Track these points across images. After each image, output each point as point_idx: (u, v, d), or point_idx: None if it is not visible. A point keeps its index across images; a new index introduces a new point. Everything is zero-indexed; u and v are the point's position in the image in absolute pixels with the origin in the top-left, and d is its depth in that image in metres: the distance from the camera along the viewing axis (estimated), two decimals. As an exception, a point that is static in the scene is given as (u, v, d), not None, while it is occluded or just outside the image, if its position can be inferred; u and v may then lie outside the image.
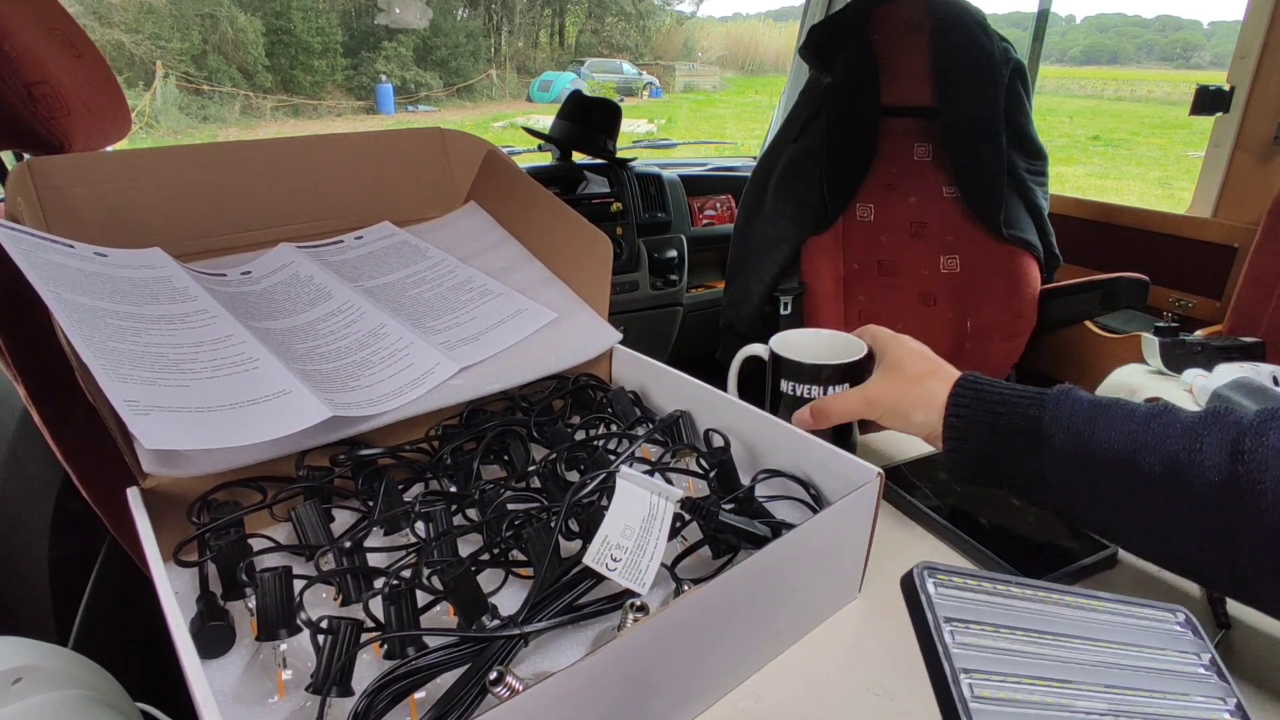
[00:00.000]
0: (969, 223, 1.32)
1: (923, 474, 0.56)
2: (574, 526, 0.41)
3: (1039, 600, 0.27)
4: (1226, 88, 1.29)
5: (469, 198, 0.70)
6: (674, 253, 1.72)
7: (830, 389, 0.53)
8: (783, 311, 1.35)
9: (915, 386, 0.48)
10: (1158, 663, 0.27)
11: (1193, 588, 0.46)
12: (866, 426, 0.55)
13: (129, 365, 0.41)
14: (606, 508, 0.38)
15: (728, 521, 0.39)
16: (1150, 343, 1.02)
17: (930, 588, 0.25)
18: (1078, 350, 1.38)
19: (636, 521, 0.37)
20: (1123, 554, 0.49)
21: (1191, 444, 0.36)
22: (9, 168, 0.70)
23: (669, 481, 0.46)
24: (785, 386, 0.54)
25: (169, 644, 0.29)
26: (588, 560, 0.35)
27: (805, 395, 0.53)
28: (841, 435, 0.54)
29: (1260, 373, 0.79)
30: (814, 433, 0.47)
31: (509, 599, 0.38)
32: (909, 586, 0.25)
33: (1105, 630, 0.27)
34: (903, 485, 0.54)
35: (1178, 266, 1.37)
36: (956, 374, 0.48)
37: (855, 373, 0.53)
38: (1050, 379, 1.44)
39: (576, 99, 1.67)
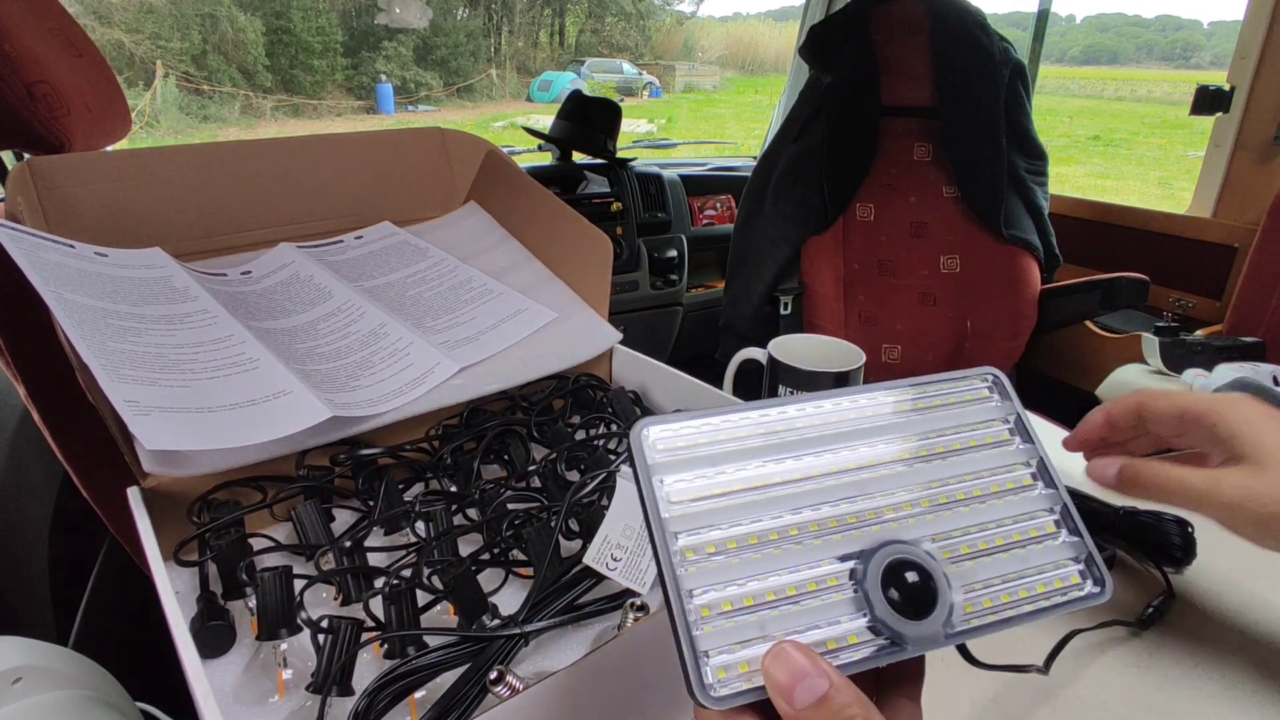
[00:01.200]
0: (969, 223, 1.32)
1: None
2: (574, 526, 0.41)
3: (796, 413, 0.24)
4: (1226, 88, 1.29)
5: (469, 198, 0.70)
6: (674, 252, 1.72)
7: None
8: (783, 311, 1.35)
9: None
10: (954, 438, 0.26)
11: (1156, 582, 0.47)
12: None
13: (129, 365, 0.41)
14: (607, 507, 0.38)
15: (728, 521, 0.39)
16: (1150, 343, 1.02)
17: (649, 438, 0.22)
18: (1078, 350, 1.38)
19: (637, 521, 0.37)
20: (1120, 555, 0.49)
21: None
22: (9, 167, 0.70)
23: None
24: (782, 392, 0.54)
25: (169, 643, 0.29)
26: (588, 560, 0.35)
27: None
28: None
29: (1260, 373, 0.79)
30: None
31: (509, 599, 0.38)
32: (630, 444, 0.23)
33: (902, 423, 0.26)
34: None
35: (1178, 266, 1.38)
36: None
37: (852, 381, 0.53)
38: (1050, 379, 1.44)
39: (576, 99, 1.67)
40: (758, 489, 0.23)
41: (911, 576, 0.22)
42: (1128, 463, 0.38)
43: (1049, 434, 0.56)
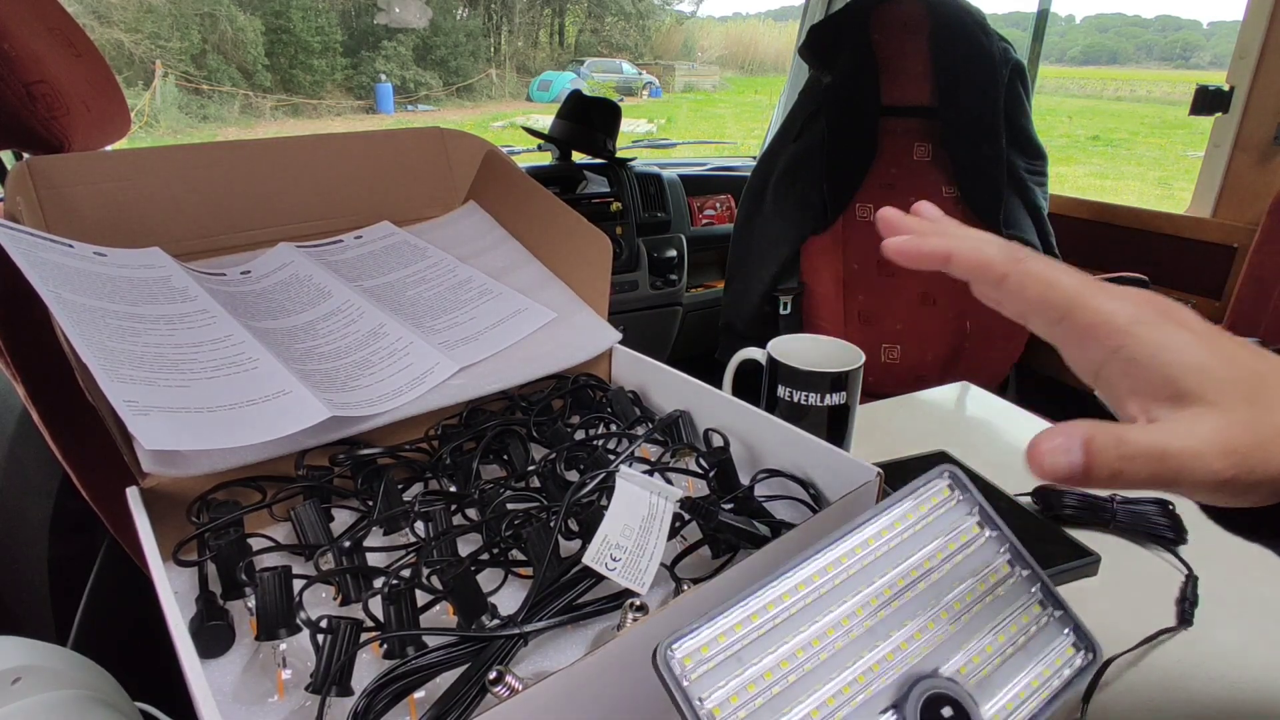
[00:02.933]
0: (969, 222, 1.32)
1: (909, 474, 0.56)
2: (574, 526, 0.41)
3: (796, 582, 0.27)
4: (1226, 88, 1.29)
5: (469, 197, 0.70)
6: (673, 252, 1.72)
7: (828, 397, 0.53)
8: (782, 311, 1.35)
9: None
10: (932, 549, 0.28)
11: (1168, 589, 0.47)
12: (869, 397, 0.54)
13: (129, 365, 0.41)
14: (606, 507, 0.38)
15: (727, 521, 0.39)
16: (1150, 343, 1.02)
17: (674, 666, 0.24)
18: (1077, 350, 1.38)
19: (636, 521, 0.37)
20: (1105, 562, 0.49)
21: None
22: (8, 167, 0.70)
23: (668, 481, 0.46)
24: (782, 392, 0.54)
25: (169, 644, 0.29)
26: (587, 560, 0.35)
27: (802, 401, 0.53)
28: (837, 428, 0.54)
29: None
30: (807, 429, 0.46)
31: (508, 599, 0.38)
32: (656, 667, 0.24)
33: (888, 552, 0.28)
34: (890, 485, 0.54)
35: (1177, 266, 1.38)
36: None
37: (851, 382, 0.53)
38: (1050, 380, 1.44)
39: (576, 99, 1.67)
40: (787, 670, 0.25)
41: (947, 712, 0.25)
42: (1094, 430, 0.24)
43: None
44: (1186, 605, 0.45)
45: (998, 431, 0.70)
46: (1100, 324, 0.26)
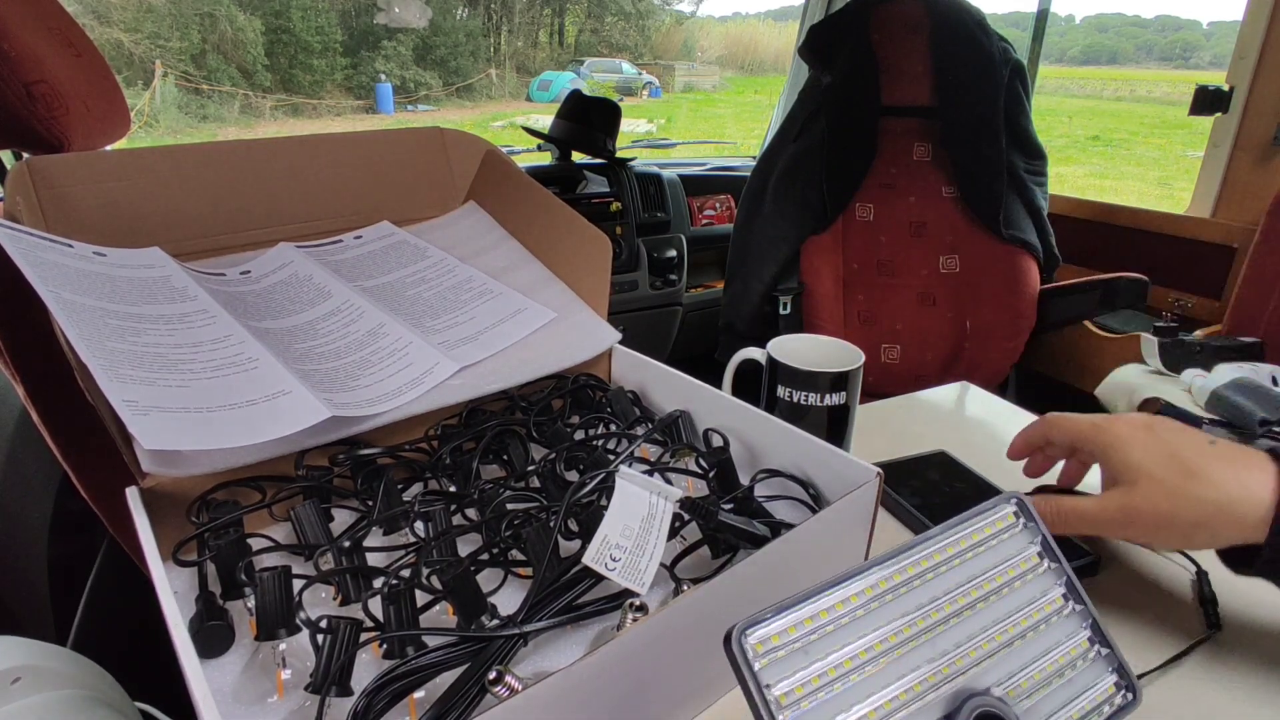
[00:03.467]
0: (968, 223, 1.32)
1: (908, 474, 0.56)
2: (573, 526, 0.41)
3: (859, 600, 0.28)
4: (1226, 88, 1.29)
5: (468, 197, 0.70)
6: (673, 252, 1.72)
7: (828, 397, 0.53)
8: (782, 311, 1.35)
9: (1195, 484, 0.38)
10: (994, 573, 0.30)
11: (1182, 589, 0.47)
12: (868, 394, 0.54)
13: (128, 365, 0.41)
14: (606, 507, 0.38)
15: (727, 521, 0.39)
16: (1149, 343, 1.02)
17: (748, 650, 0.25)
18: (1077, 350, 1.38)
19: (636, 521, 0.37)
20: (1106, 561, 0.49)
21: None
22: (8, 167, 0.70)
23: (668, 481, 0.46)
24: (782, 392, 0.54)
25: (168, 644, 0.29)
26: (587, 560, 0.35)
27: (802, 402, 0.53)
28: (836, 428, 0.54)
29: (1259, 373, 0.79)
30: (806, 429, 0.46)
31: (508, 599, 0.38)
32: (729, 651, 0.26)
33: (951, 570, 0.29)
34: (890, 485, 0.54)
35: (1177, 266, 1.38)
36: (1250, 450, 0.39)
37: (851, 382, 0.53)
38: (1049, 379, 1.44)
39: (576, 99, 1.67)
40: (849, 669, 0.26)
41: None
42: (1038, 500, 0.40)
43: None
44: (1208, 607, 0.44)
45: (997, 431, 0.70)
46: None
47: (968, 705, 0.26)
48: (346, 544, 0.38)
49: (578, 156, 1.72)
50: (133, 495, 0.39)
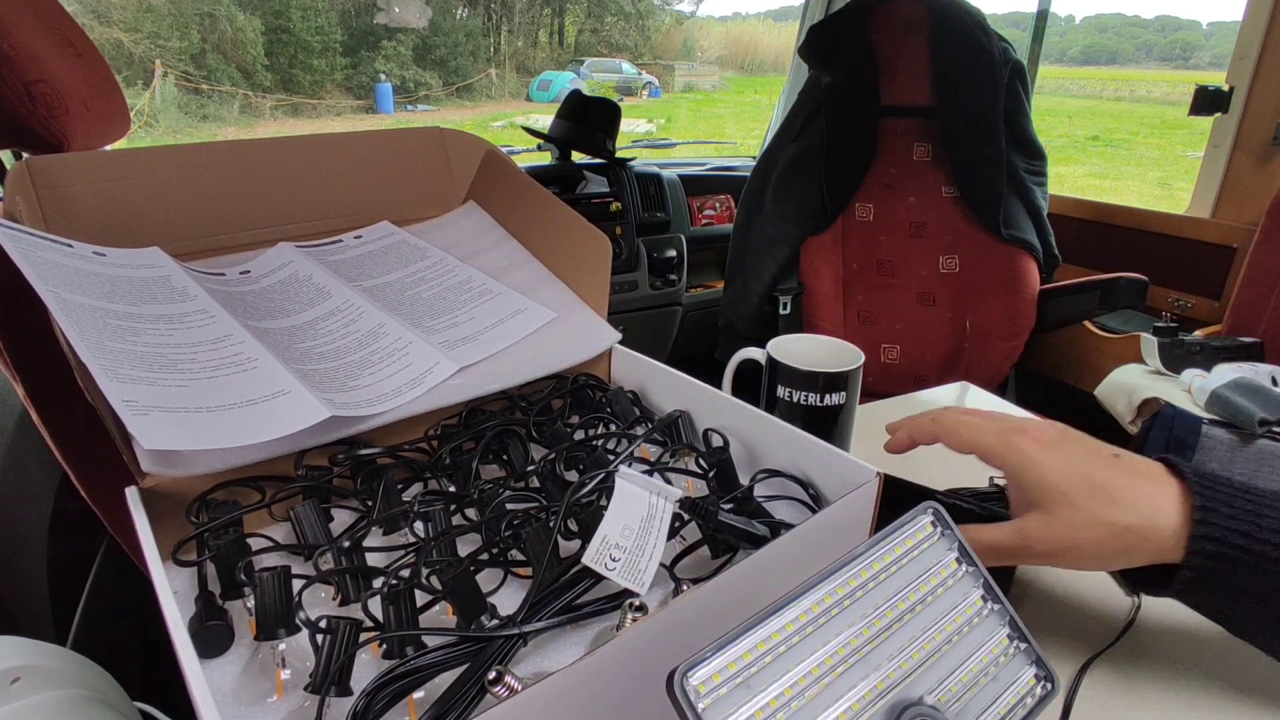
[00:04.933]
0: (968, 223, 1.32)
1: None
2: (573, 526, 0.41)
3: (794, 627, 0.28)
4: (1225, 88, 1.29)
5: (468, 197, 0.70)
6: (673, 252, 1.72)
7: (827, 397, 0.53)
8: (782, 311, 1.35)
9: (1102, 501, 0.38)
10: (918, 583, 0.31)
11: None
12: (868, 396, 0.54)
13: (128, 365, 0.41)
14: (605, 507, 0.38)
15: (727, 521, 0.39)
16: (1149, 343, 1.02)
17: (690, 693, 0.25)
18: (1077, 350, 1.39)
19: (635, 521, 0.37)
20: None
21: None
22: (8, 167, 0.70)
23: (668, 481, 0.46)
24: (781, 392, 0.54)
25: (168, 644, 0.29)
26: (586, 560, 0.35)
27: (802, 401, 0.53)
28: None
29: (1259, 373, 0.80)
30: (806, 429, 0.46)
31: (508, 599, 0.38)
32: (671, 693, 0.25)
33: (878, 587, 0.30)
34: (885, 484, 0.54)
35: (1176, 266, 1.38)
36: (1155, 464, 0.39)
37: (851, 382, 0.53)
38: (1049, 379, 1.44)
39: (575, 98, 1.67)
40: (790, 697, 0.27)
41: None
42: (970, 534, 0.40)
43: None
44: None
45: (997, 431, 0.70)
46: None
47: (904, 716, 0.27)
48: (346, 544, 0.38)
49: (578, 156, 1.72)
50: (132, 495, 0.39)
